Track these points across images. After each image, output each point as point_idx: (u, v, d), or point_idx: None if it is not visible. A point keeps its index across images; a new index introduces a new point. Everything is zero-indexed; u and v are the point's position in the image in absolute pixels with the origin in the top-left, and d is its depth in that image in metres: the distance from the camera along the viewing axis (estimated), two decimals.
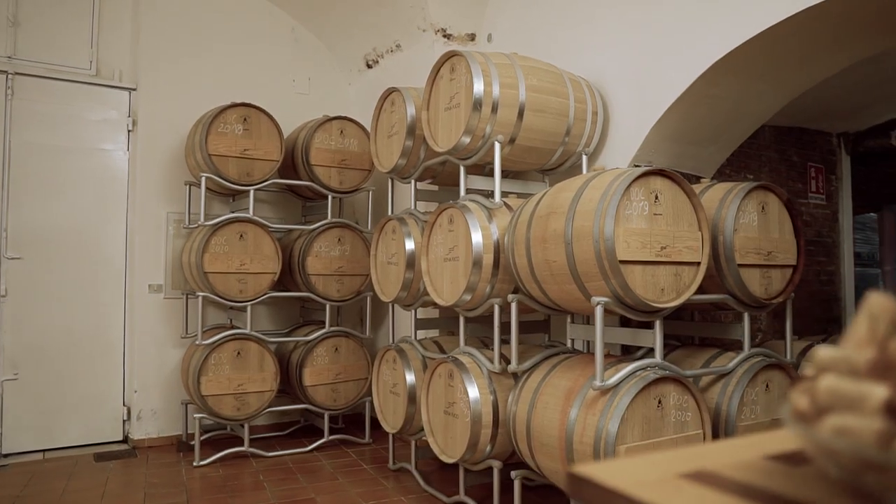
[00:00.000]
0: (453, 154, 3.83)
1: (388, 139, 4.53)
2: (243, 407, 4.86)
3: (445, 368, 3.76)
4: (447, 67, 3.84)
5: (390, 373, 4.43)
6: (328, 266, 5.24)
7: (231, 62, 5.76)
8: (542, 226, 3.08)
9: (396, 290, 4.29)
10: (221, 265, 4.81)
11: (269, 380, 4.96)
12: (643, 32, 3.82)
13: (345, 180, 5.37)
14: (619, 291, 2.84)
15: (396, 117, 4.41)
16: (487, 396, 3.51)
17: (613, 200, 2.80)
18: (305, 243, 5.20)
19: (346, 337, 5.33)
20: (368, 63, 6.02)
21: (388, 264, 4.47)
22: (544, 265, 3.07)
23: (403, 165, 4.36)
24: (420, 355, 4.31)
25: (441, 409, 3.80)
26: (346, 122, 5.37)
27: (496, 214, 3.66)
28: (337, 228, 5.32)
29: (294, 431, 5.67)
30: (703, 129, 3.94)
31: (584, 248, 2.86)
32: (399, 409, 4.31)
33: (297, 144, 5.33)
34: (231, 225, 4.88)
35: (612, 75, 4.02)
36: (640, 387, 2.80)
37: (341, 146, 5.33)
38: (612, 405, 2.80)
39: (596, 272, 2.85)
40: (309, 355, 5.15)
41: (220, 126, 4.86)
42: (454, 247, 3.71)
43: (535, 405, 3.14)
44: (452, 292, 3.70)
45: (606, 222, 2.78)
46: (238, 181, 4.94)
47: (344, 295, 5.34)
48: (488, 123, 3.58)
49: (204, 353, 4.73)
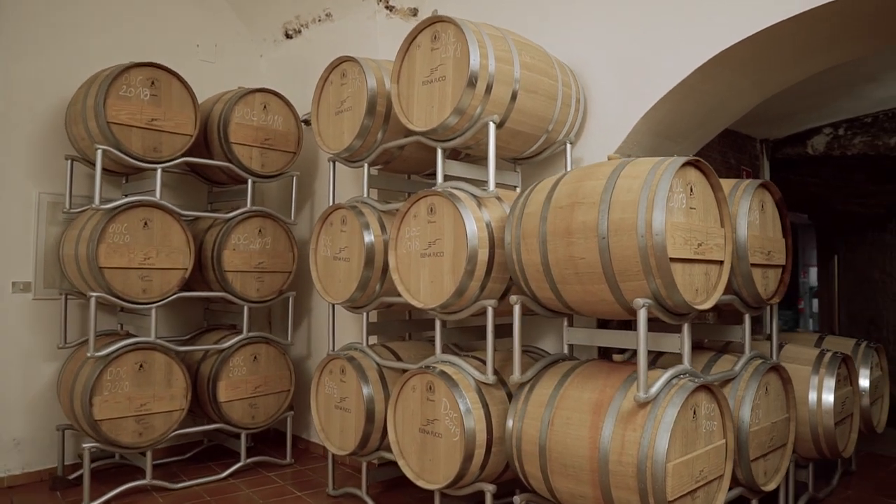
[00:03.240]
0: (431, 135, 3.35)
1: (335, 116, 3.94)
2: (147, 431, 3.99)
3: (422, 380, 3.27)
4: (427, 35, 3.35)
5: (336, 385, 3.84)
6: (247, 261, 4.50)
7: (122, 17, 4.79)
8: (565, 218, 2.72)
9: (349, 290, 3.71)
10: (121, 259, 3.92)
11: (179, 397, 4.13)
12: (636, 20, 3.58)
13: (267, 162, 4.65)
14: (661, 292, 2.55)
15: (349, 91, 3.83)
16: (481, 412, 3.08)
17: (662, 190, 2.50)
18: (221, 235, 4.42)
19: (266, 344, 4.62)
20: (288, 33, 5.31)
21: (335, 260, 3.88)
22: (566, 262, 2.71)
23: (358, 147, 3.79)
24: (376, 364, 3.77)
25: (415, 428, 3.31)
26: (271, 96, 4.65)
27: (486, 205, 3.24)
28: (258, 218, 4.58)
29: (198, 455, 4.82)
30: (685, 123, 3.80)
31: (625, 244, 2.53)
32: (349, 427, 3.74)
33: (211, 118, 4.52)
34: (133, 210, 3.99)
35: (594, 63, 3.75)
36: (684, 397, 2.54)
37: (264, 123, 4.61)
38: (655, 418, 2.50)
39: (637, 270, 2.53)
40: (224, 366, 4.37)
41: (123, 88, 3.96)
42: (436, 240, 3.23)
43: (553, 422, 2.77)
44: (434, 293, 3.22)
45: (655, 214, 2.48)
46: (144, 157, 4.06)
47: (264, 295, 4.62)
48: (481, 102, 3.15)
49: (98, 367, 3.81)
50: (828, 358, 3.60)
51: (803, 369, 3.57)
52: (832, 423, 3.46)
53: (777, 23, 3.06)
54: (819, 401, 3.48)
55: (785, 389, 3.33)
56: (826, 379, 3.51)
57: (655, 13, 3.50)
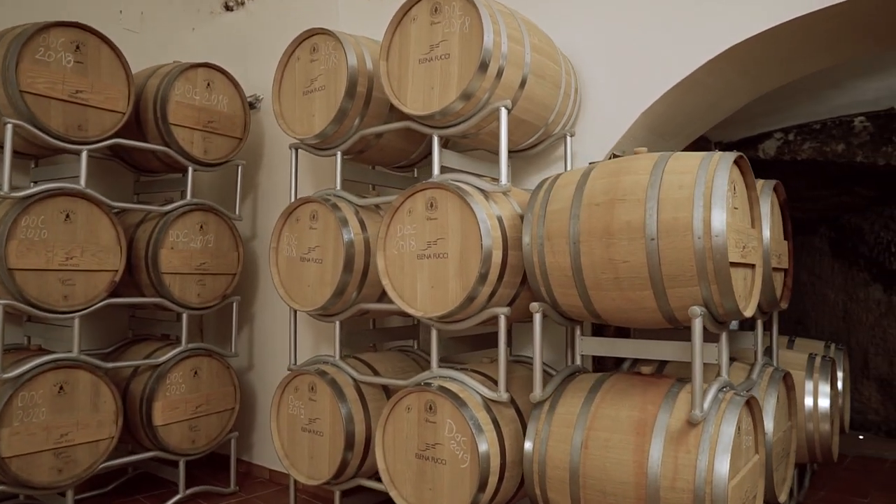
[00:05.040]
0: (429, 121, 2.97)
1: (303, 97, 3.45)
2: (68, 467, 3.32)
3: (420, 399, 2.88)
4: (425, 7, 2.96)
5: (304, 405, 3.36)
6: (188, 262, 3.89)
7: None
8: (603, 216, 2.43)
9: (323, 296, 3.25)
10: (37, 259, 3.22)
11: (108, 423, 3.48)
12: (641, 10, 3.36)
13: (210, 148, 4.05)
14: (714, 299, 2.32)
15: (322, 68, 3.36)
16: (494, 434, 2.74)
17: (720, 187, 2.27)
18: (157, 231, 3.78)
19: (208, 356, 4.02)
20: (228, 4, 4.71)
21: (302, 261, 3.39)
22: (604, 266, 2.42)
23: (332, 133, 3.33)
24: (352, 380, 3.32)
25: (409, 453, 2.91)
26: (216, 73, 4.05)
27: (496, 200, 2.90)
28: (199, 212, 3.98)
29: (123, 486, 4.12)
30: (680, 119, 3.64)
31: (678, 246, 2.28)
32: (321, 452, 3.28)
33: (146, 94, 3.87)
34: (52, 200, 3.30)
35: (590, 53, 3.48)
36: (737, 413, 2.32)
37: (208, 103, 4.01)
38: (710, 438, 2.27)
39: (691, 276, 2.29)
40: (160, 384, 3.75)
41: (40, 51, 3.26)
42: (437, 240, 2.85)
43: (587, 444, 2.47)
44: (436, 299, 2.84)
45: (714, 214, 2.24)
46: (66, 136, 3.37)
47: (206, 300, 4.02)
48: (492, 85, 2.81)
49: (6, 392, 3.10)
50: (818, 362, 3.56)
51: (797, 374, 3.50)
52: (829, 428, 3.41)
53: (788, 20, 2.93)
54: (815, 406, 3.43)
55: (789, 397, 3.24)
56: (821, 384, 3.47)
57: (663, 2, 3.29)
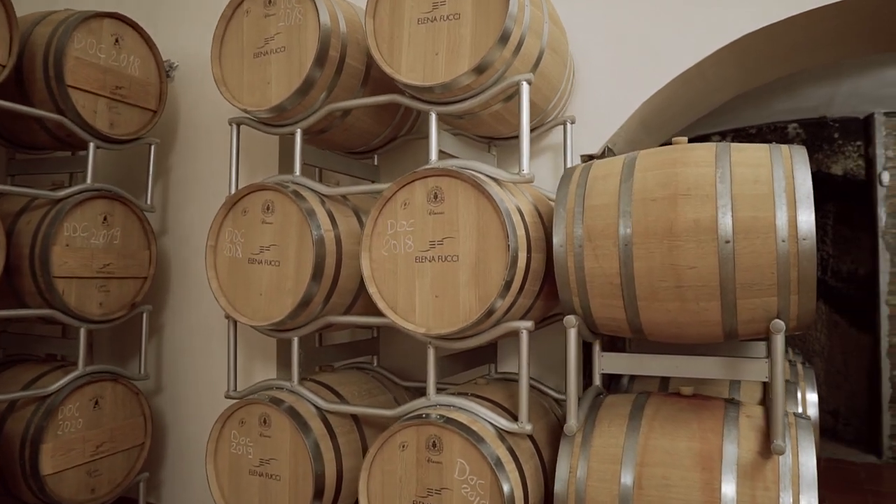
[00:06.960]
0: (427, 94, 2.46)
1: (254, 60, 2.80)
2: None
3: (419, 434, 2.36)
4: None
5: (252, 442, 2.72)
6: (88, 263, 3.07)
7: None
8: (663, 214, 2.05)
9: (282, 308, 2.63)
10: None
11: None
12: None
13: (118, 121, 3.24)
14: (790, 311, 2.02)
15: (281, 25, 2.73)
16: (517, 474, 2.28)
17: (803, 183, 1.97)
18: (47, 224, 2.94)
19: (112, 381, 3.22)
20: None
21: (251, 263, 2.74)
22: (665, 273, 2.05)
23: (293, 106, 2.71)
24: (316, 410, 2.72)
25: (406, 500, 2.38)
26: (126, 27, 3.25)
27: (513, 193, 2.44)
28: (103, 200, 3.18)
29: None
30: (669, 113, 3.39)
31: (758, 250, 1.96)
32: (278, 500, 2.65)
33: (32, 44, 3.00)
34: None
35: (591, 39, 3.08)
36: (811, 440, 2.04)
37: (116, 64, 3.20)
38: (790, 471, 1.97)
39: (770, 283, 1.97)
40: (50, 420, 2.91)
41: None
42: (444, 239, 2.35)
43: (640, 483, 2.09)
44: (442, 312, 2.33)
45: (801, 213, 1.94)
46: None
47: (110, 311, 3.21)
48: (511, 56, 2.35)
49: None
50: (801, 370, 3.45)
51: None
52: (818, 436, 3.29)
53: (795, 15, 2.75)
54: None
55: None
56: (808, 393, 3.35)
57: None
